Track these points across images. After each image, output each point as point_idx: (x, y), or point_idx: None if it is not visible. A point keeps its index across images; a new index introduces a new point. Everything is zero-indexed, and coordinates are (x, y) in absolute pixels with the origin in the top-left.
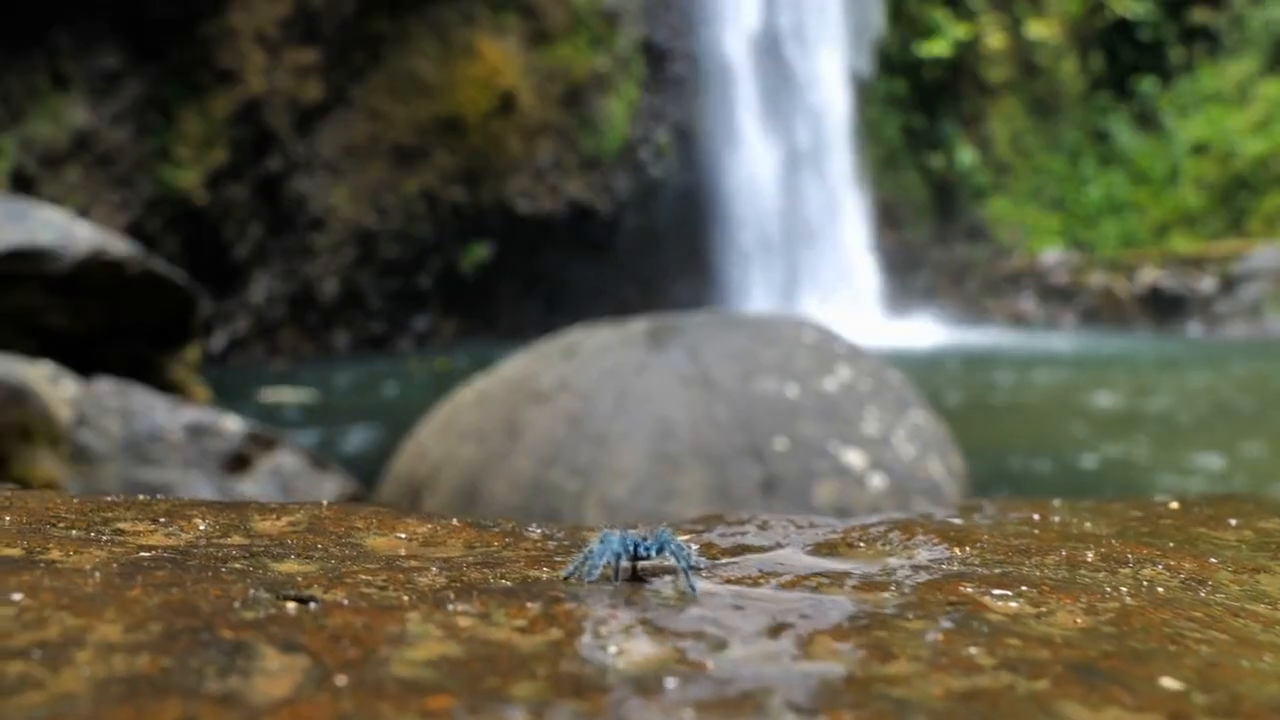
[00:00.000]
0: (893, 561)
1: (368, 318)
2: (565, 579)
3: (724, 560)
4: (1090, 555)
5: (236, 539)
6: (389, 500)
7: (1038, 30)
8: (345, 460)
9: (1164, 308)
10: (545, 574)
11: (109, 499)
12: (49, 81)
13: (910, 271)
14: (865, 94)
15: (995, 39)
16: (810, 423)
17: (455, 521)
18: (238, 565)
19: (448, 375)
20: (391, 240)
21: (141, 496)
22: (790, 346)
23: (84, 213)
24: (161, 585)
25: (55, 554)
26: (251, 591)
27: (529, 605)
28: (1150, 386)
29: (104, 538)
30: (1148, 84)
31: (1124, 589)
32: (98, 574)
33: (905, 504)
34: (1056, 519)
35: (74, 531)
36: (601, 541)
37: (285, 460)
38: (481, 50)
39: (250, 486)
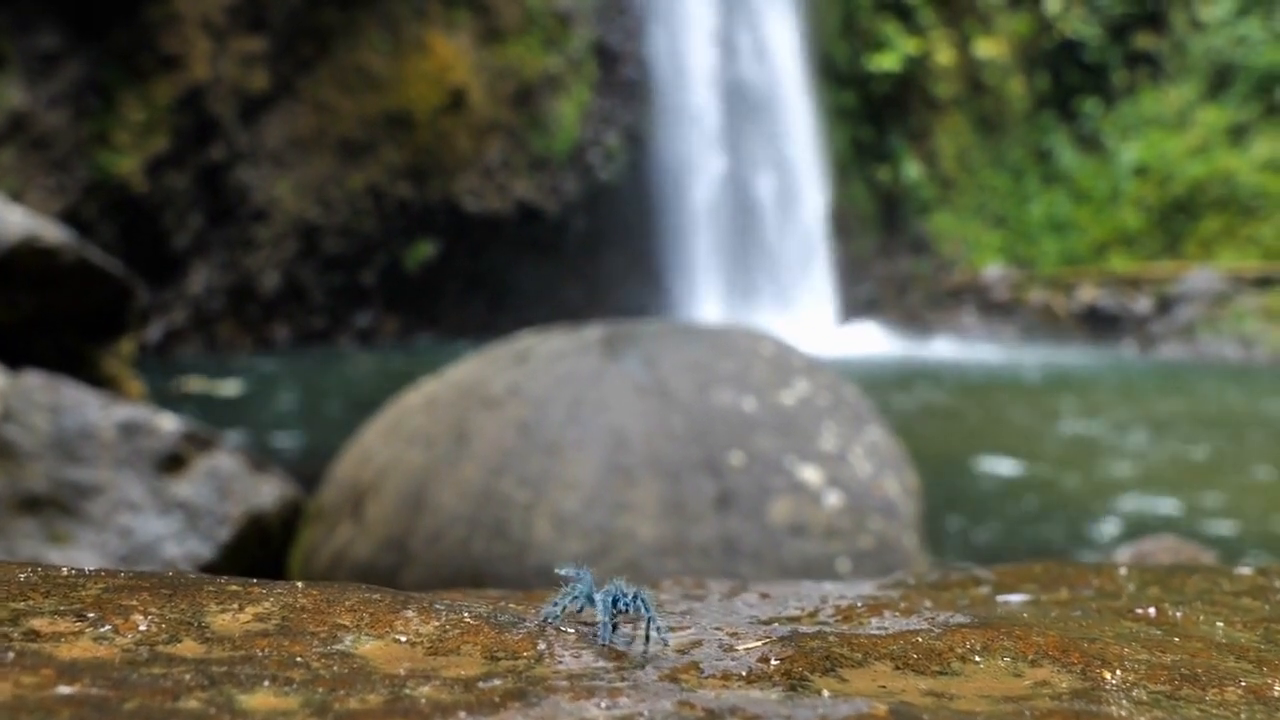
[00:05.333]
0: (1031, 693)
1: (309, 312)
2: (545, 620)
3: (825, 689)
4: (1277, 688)
5: (189, 645)
6: (330, 505)
7: (986, 49)
8: (281, 459)
9: (1101, 326)
10: (604, 712)
11: (23, 577)
12: None
13: (855, 283)
14: (818, 104)
15: (944, 55)
16: (767, 437)
17: (467, 617)
18: (194, 703)
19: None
20: (335, 235)
21: (66, 571)
22: (748, 358)
23: (17, 197)
24: None
25: None
26: None
27: None
28: (1089, 406)
29: (11, 651)
30: (1091, 105)
31: None
32: None
33: (861, 522)
34: (1178, 613)
35: None
36: (579, 588)
37: (222, 462)
38: (432, 46)
39: (185, 488)
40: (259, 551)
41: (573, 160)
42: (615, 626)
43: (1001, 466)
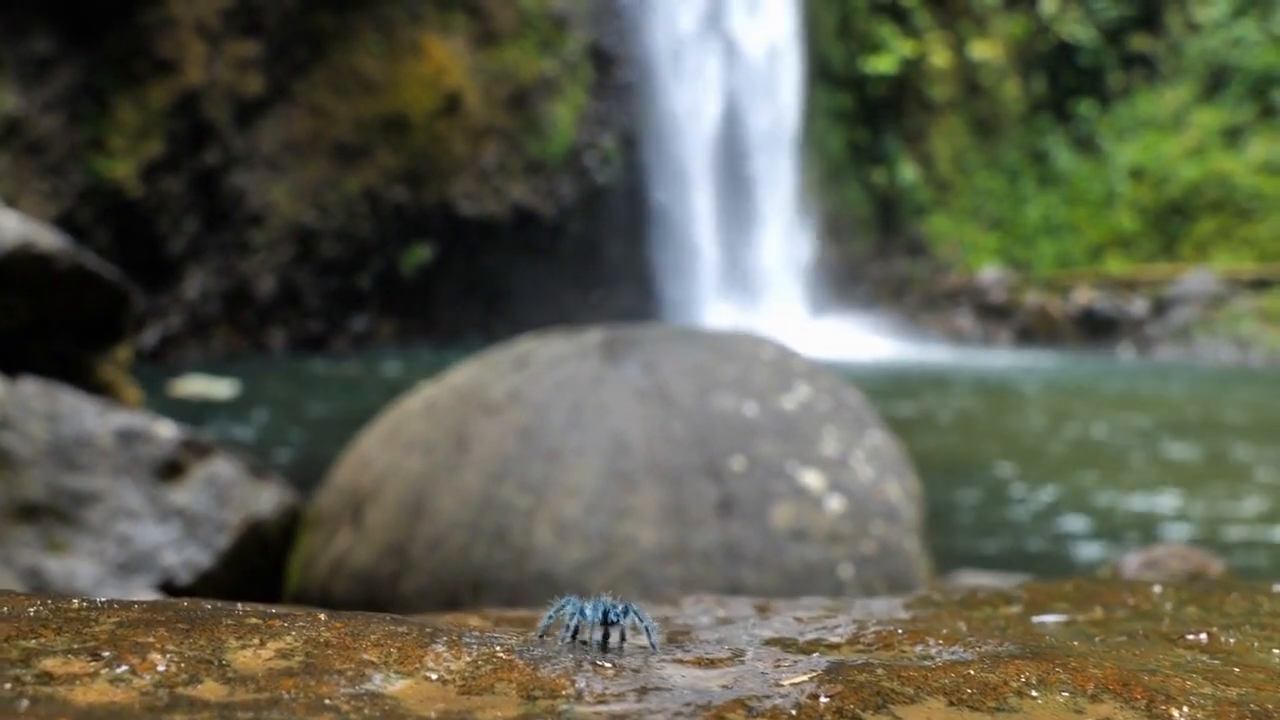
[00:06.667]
0: None
1: (305, 317)
2: (540, 637)
3: None
4: None
5: (210, 687)
6: (329, 511)
7: (981, 51)
8: (280, 464)
9: (1097, 328)
10: None
11: (32, 611)
12: None
13: (851, 285)
14: (811, 106)
15: (940, 58)
16: (768, 442)
17: (499, 650)
18: None
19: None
20: (331, 239)
21: (78, 604)
22: (748, 363)
23: (12, 202)
24: None
25: None
26: None
27: None
28: (1087, 409)
29: (25, 698)
30: (1087, 107)
31: None
32: None
33: (863, 527)
34: (1231, 639)
35: None
36: (570, 606)
37: (221, 468)
38: (428, 49)
39: (184, 495)
40: (258, 559)
41: (569, 163)
42: (607, 637)
43: (1001, 470)
